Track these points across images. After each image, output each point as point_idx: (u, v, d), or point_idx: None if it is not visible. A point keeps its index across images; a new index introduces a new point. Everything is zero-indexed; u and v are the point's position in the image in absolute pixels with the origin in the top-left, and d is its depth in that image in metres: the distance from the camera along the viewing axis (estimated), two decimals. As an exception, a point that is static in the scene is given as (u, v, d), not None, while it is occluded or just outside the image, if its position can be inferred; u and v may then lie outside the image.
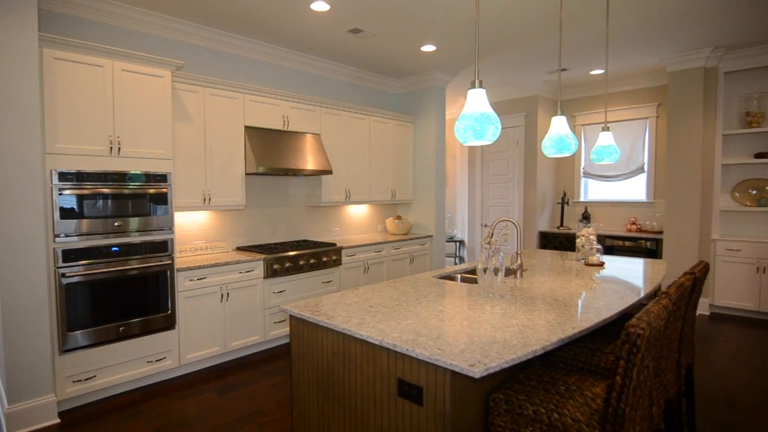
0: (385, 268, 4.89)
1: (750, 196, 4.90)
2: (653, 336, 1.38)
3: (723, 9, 3.63)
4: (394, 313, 1.90)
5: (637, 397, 1.38)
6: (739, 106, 4.96)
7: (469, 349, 1.46)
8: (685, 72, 4.90)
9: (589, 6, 3.52)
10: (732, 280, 4.77)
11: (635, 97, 5.91)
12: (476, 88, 1.85)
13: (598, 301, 2.09)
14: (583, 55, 4.82)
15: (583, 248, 3.19)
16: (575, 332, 1.65)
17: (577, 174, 6.48)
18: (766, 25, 4.01)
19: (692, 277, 1.94)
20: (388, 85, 5.66)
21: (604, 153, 3.10)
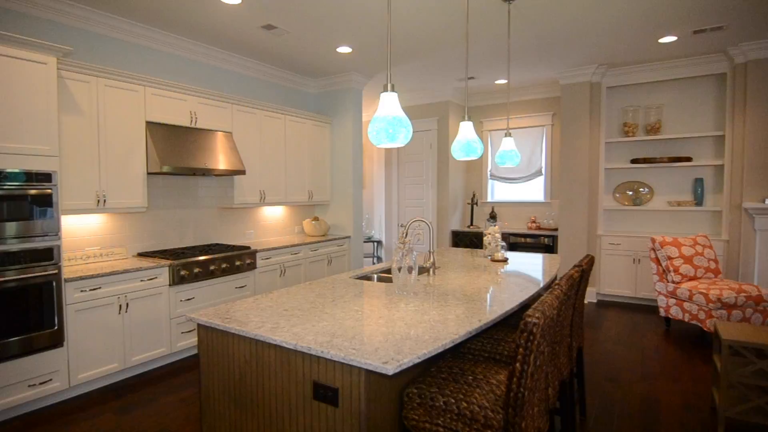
0: (302, 270, 4.81)
1: (627, 197, 5.60)
2: (547, 324, 1.52)
3: (603, 31, 4.10)
4: (309, 315, 1.88)
5: (535, 380, 1.51)
6: (618, 118, 5.64)
7: (384, 347, 1.49)
8: (574, 85, 5.46)
9: (492, 22, 3.78)
10: (614, 270, 5.41)
11: (534, 106, 6.46)
12: (388, 92, 1.89)
13: (502, 294, 2.25)
14: (489, 65, 5.16)
15: (490, 246, 3.41)
16: (481, 324, 1.76)
17: (485, 176, 6.91)
18: (637, 48, 4.61)
19: (580, 270, 2.17)
20: (304, 84, 5.58)
21: (507, 157, 3.35)
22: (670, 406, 2.89)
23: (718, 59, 4.87)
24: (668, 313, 4.27)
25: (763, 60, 4.53)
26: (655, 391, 3.10)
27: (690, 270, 4.23)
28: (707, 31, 4.13)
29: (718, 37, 4.32)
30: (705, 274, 4.27)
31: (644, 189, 5.51)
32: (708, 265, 4.30)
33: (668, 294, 4.26)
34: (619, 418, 2.73)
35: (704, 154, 5.19)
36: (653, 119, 5.36)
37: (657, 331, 4.36)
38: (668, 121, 5.36)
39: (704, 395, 3.03)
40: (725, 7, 3.60)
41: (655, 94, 5.43)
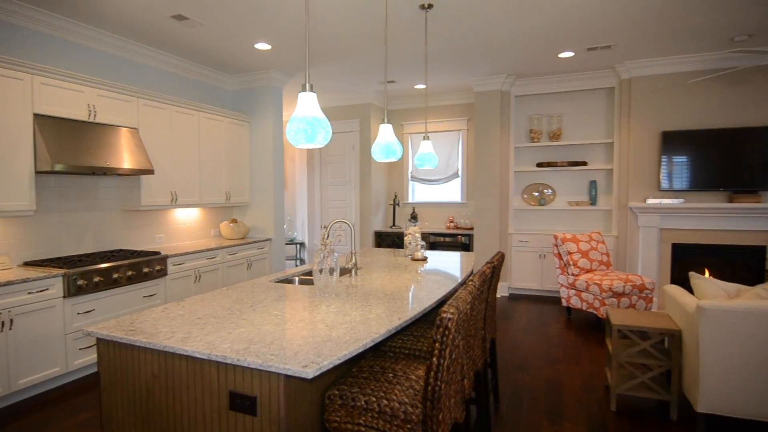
0: (220, 275, 4.58)
1: (534, 198, 6.07)
2: (462, 319, 1.60)
3: (511, 44, 4.41)
4: (225, 322, 1.80)
5: (451, 373, 1.58)
6: (525, 124, 6.10)
7: (303, 351, 1.47)
8: (487, 93, 5.80)
9: (410, 28, 3.89)
10: (523, 265, 5.84)
11: (451, 111, 6.76)
12: (307, 91, 1.87)
13: (421, 292, 2.33)
14: (408, 70, 5.31)
15: (410, 245, 3.51)
16: (401, 323, 1.81)
17: (406, 178, 7.10)
18: (541, 61, 5.01)
19: (491, 266, 2.31)
20: (221, 80, 5.32)
21: (426, 160, 3.47)
22: (571, 387, 3.18)
23: (608, 75, 5.46)
24: (569, 303, 4.69)
25: (644, 77, 5.16)
26: (558, 374, 3.40)
27: (587, 263, 4.70)
28: (598, 49, 4.61)
29: (608, 55, 4.84)
30: (599, 266, 4.76)
31: (548, 190, 6.02)
32: (601, 259, 4.80)
33: (569, 286, 4.69)
34: (528, 402, 2.95)
35: (597, 159, 5.79)
36: (555, 127, 5.87)
37: (560, 320, 4.78)
38: (568, 129, 5.90)
39: (599, 375, 3.38)
40: (613, 29, 4.05)
41: (557, 104, 5.95)
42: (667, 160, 5.04)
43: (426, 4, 3.39)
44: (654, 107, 5.14)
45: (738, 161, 4.80)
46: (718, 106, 4.92)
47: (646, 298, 4.33)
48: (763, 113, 4.78)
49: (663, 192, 5.12)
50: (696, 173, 4.95)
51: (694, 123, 5.01)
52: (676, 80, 5.03)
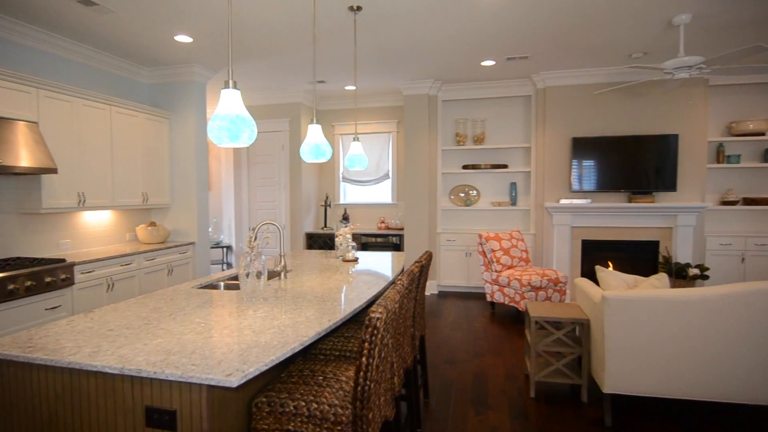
0: (136, 283, 4.26)
1: (460, 198, 6.33)
2: (390, 318, 1.62)
3: (438, 51, 4.57)
4: (141, 333, 1.68)
5: (381, 372, 1.61)
6: (452, 128, 6.34)
7: (228, 359, 1.41)
8: (415, 96, 5.96)
9: (340, 29, 3.89)
10: (451, 264, 6.06)
11: (381, 113, 6.85)
12: (230, 88, 1.80)
13: (352, 293, 2.34)
14: (338, 71, 5.30)
15: (341, 246, 3.50)
16: (331, 324, 1.80)
17: (338, 179, 7.07)
18: (465, 68, 5.24)
19: (420, 265, 2.37)
20: (136, 73, 4.94)
21: (356, 160, 3.49)
22: (495, 377, 3.36)
23: (526, 84, 5.84)
24: (493, 298, 4.95)
25: (557, 87, 5.59)
26: (484, 366, 3.57)
27: (508, 260, 4.99)
28: (517, 59, 4.92)
29: (525, 65, 5.18)
30: (519, 263, 5.08)
31: (473, 191, 6.30)
32: (521, 255, 5.12)
33: (492, 282, 4.95)
34: (456, 394, 3.07)
35: (517, 162, 6.17)
36: (479, 131, 6.17)
37: (485, 315, 5.03)
38: (490, 133, 6.23)
39: (520, 365, 3.60)
40: (529, 42, 4.34)
41: (481, 109, 6.25)
42: (578, 164, 5.50)
43: (355, 6, 3.40)
44: (565, 115, 5.59)
45: (636, 166, 5.36)
46: (619, 115, 5.46)
47: (560, 290, 4.69)
48: (655, 123, 5.38)
49: (574, 193, 5.57)
50: (601, 176, 5.45)
51: (600, 130, 5.51)
52: (584, 91, 5.51)
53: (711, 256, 5.38)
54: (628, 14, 3.70)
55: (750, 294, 2.36)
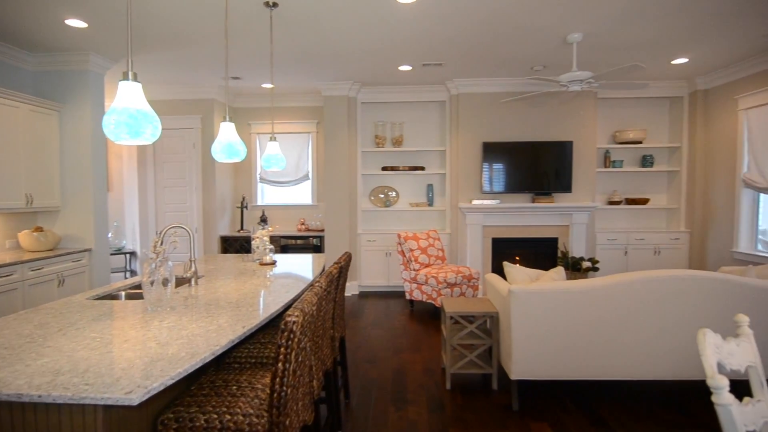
0: (19, 296, 3.75)
1: (380, 199, 6.43)
2: (308, 321, 1.60)
3: (356, 53, 4.60)
4: (22, 353, 1.48)
5: (298, 376, 1.58)
6: (371, 130, 6.42)
7: (128, 375, 1.30)
8: (335, 98, 5.95)
9: (255, 24, 3.76)
10: (372, 264, 6.14)
11: (300, 113, 6.74)
12: (129, 80, 1.66)
13: (269, 297, 2.27)
14: (255, 67, 5.12)
15: (258, 249, 3.39)
16: (245, 331, 1.73)
17: (255, 179, 6.83)
18: (383, 72, 5.34)
19: (339, 266, 2.38)
20: (17, 58, 4.35)
21: (273, 161, 3.39)
22: (414, 372, 3.46)
23: (441, 89, 6.10)
24: (412, 296, 5.10)
25: (469, 94, 5.90)
26: (403, 362, 3.66)
27: (426, 259, 5.17)
28: (432, 66, 5.12)
29: (440, 72, 5.40)
30: (436, 261, 5.29)
31: (393, 193, 6.44)
32: (438, 254, 5.33)
33: (411, 280, 5.09)
34: (377, 392, 3.11)
35: (433, 165, 6.41)
36: (397, 134, 6.32)
37: (404, 313, 5.16)
38: (408, 136, 6.41)
39: (437, 359, 3.75)
40: (443, 50, 4.54)
41: (399, 112, 6.41)
42: (488, 167, 5.86)
43: (270, 2, 3.31)
44: (477, 121, 5.92)
45: (538, 169, 5.84)
46: (523, 122, 5.91)
47: (473, 286, 4.97)
48: (553, 130, 5.91)
49: (485, 194, 5.93)
50: (509, 178, 5.86)
51: (507, 136, 5.92)
52: (494, 99, 5.89)
53: (600, 250, 6.04)
54: (530, 31, 4.03)
55: (631, 283, 2.68)
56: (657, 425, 2.66)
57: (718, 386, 1.00)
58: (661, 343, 2.72)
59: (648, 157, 6.25)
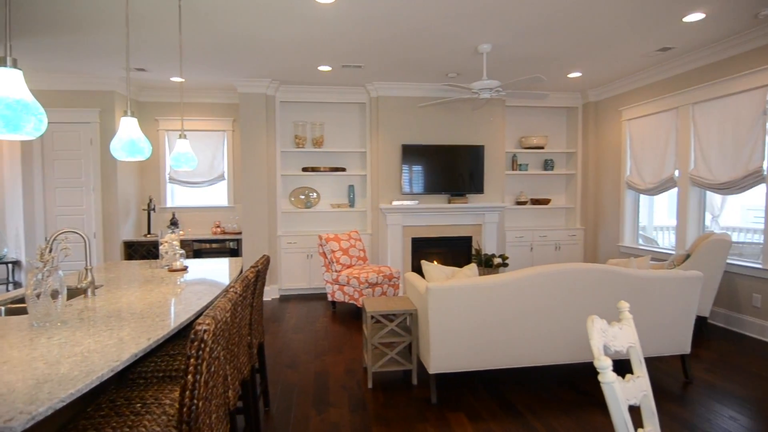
0: None
1: (301, 201, 6.32)
2: (220, 328, 1.53)
3: (274, 51, 4.48)
4: None
5: (210, 388, 1.50)
6: (291, 130, 6.29)
7: (8, 401, 1.15)
8: (251, 95, 5.74)
9: (161, 11, 3.50)
10: (292, 266, 6.01)
11: (214, 109, 6.40)
12: (7, 66, 1.47)
13: (178, 306, 2.13)
14: (162, 59, 4.77)
15: (167, 255, 3.16)
16: (151, 343, 1.61)
17: (163, 179, 6.36)
18: (303, 71, 5.26)
19: (255, 270, 2.30)
20: None
21: (183, 159, 3.19)
22: (336, 374, 3.45)
23: (361, 91, 6.15)
24: (333, 297, 5.08)
25: (388, 97, 6.02)
26: (325, 365, 3.64)
27: (347, 260, 5.18)
28: (351, 67, 5.15)
29: (360, 74, 5.45)
30: (357, 262, 5.32)
31: (314, 194, 6.37)
32: (359, 255, 5.37)
33: (333, 282, 5.07)
34: (298, 397, 3.05)
35: (354, 166, 6.45)
36: (318, 134, 6.26)
37: (327, 315, 5.12)
38: (329, 137, 6.38)
39: (359, 359, 3.77)
40: (362, 52, 4.58)
41: (320, 113, 6.35)
42: (408, 169, 6.02)
43: (178, -9, 3.11)
44: (396, 123, 6.06)
45: (454, 171, 6.12)
46: (440, 126, 6.17)
47: (394, 285, 5.08)
48: (467, 135, 6.23)
49: (405, 195, 6.09)
50: (427, 180, 6.07)
51: (425, 139, 6.13)
52: (412, 102, 6.07)
53: (510, 247, 6.48)
54: (444, 40, 4.21)
55: (534, 276, 2.91)
56: (557, 405, 2.92)
57: (603, 366, 1.13)
58: (560, 330, 2.99)
59: (549, 162, 6.83)
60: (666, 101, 5.20)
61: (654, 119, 5.42)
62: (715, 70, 4.58)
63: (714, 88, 4.56)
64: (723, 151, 4.49)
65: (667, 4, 3.49)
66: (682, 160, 4.99)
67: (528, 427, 2.67)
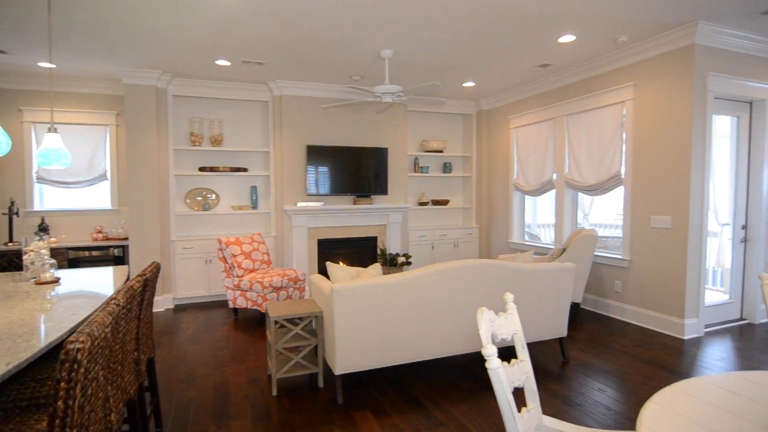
0: None
1: (197, 202, 5.93)
2: (98, 346, 1.38)
3: (164, 39, 4.15)
4: None
5: (87, 413, 1.35)
6: (186, 126, 5.86)
7: None
8: (139, 87, 5.24)
9: (23, -14, 3.05)
10: (189, 273, 5.61)
11: (95, 101, 5.73)
12: None
13: (47, 323, 1.87)
14: (27, 40, 4.15)
15: (33, 265, 2.76)
16: (10, 368, 1.39)
17: (30, 179, 5.53)
18: (198, 65, 4.94)
19: (143, 279, 2.11)
20: None
21: (53, 156, 2.81)
22: (238, 385, 3.30)
23: (263, 89, 5.95)
24: (235, 304, 4.85)
25: (292, 96, 5.90)
26: (226, 377, 3.45)
27: (250, 264, 4.97)
28: (252, 64, 4.95)
29: (262, 71, 5.27)
30: (261, 265, 5.14)
31: (212, 195, 6.01)
32: (263, 258, 5.19)
33: (234, 287, 4.84)
34: (195, 413, 2.86)
35: (257, 166, 6.21)
36: (216, 132, 5.92)
37: (228, 323, 4.87)
38: (229, 135, 6.06)
39: (263, 367, 3.65)
40: (264, 48, 4.43)
41: (218, 109, 6.01)
42: (314, 170, 5.96)
43: (45, -35, 2.73)
44: (300, 124, 5.97)
45: (359, 172, 6.20)
46: (346, 128, 6.20)
47: (300, 288, 4.99)
48: (372, 137, 6.35)
49: (310, 196, 6.02)
50: (333, 181, 6.07)
51: (331, 140, 6.13)
52: (317, 103, 6.02)
53: (413, 246, 6.74)
54: (347, 42, 4.25)
55: (434, 273, 3.07)
56: (457, 393, 3.11)
57: (489, 354, 1.23)
58: (458, 323, 3.18)
59: (448, 165, 7.24)
60: (546, 112, 5.81)
61: (536, 128, 6.02)
62: (585, 86, 5.23)
63: (584, 102, 5.20)
64: (591, 157, 5.14)
65: (544, 25, 3.90)
66: (559, 165, 5.61)
67: (430, 417, 2.80)
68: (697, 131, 4.10)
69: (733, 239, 4.66)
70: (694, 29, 3.93)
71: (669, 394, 1.40)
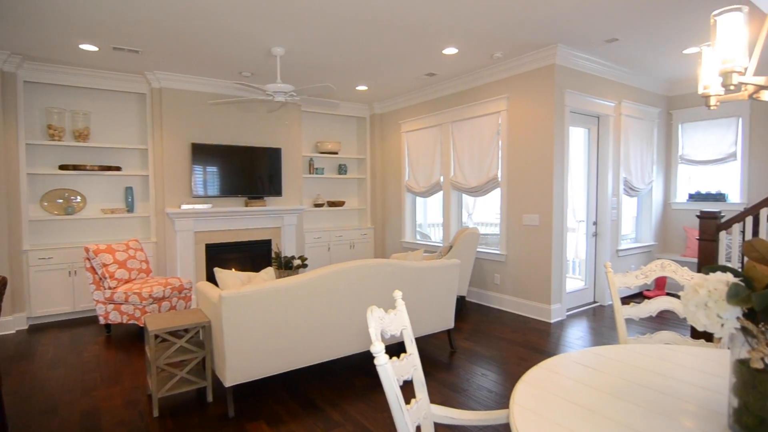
0: None
1: (58, 206, 5.16)
2: None
3: (16, 17, 3.55)
4: None
5: None
6: (42, 118, 5.07)
7: None
8: (-23, 69, 4.41)
9: None
10: (48, 287, 4.86)
11: None
12: None
13: None
14: None
15: None
16: None
17: None
18: (57, 48, 4.31)
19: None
20: None
21: None
22: (112, 410, 2.95)
23: (139, 80, 5.40)
24: (107, 319, 4.33)
25: (174, 90, 5.45)
26: (96, 402, 3.06)
27: (125, 274, 4.48)
28: (126, 51, 4.47)
29: (138, 60, 4.77)
30: (139, 275, 4.65)
31: (77, 197, 5.28)
32: (141, 267, 4.71)
33: (106, 301, 4.31)
34: (56, 449, 2.49)
35: (133, 165, 5.61)
36: (81, 125, 5.22)
37: (98, 341, 4.32)
38: (97, 130, 5.39)
39: (142, 387, 3.31)
40: (139, 34, 4.03)
41: (83, 100, 5.31)
42: (201, 170, 5.57)
43: None
44: (184, 120, 5.54)
45: (251, 173, 5.95)
46: (236, 126, 5.91)
47: (185, 297, 4.63)
48: (265, 137, 6.15)
49: (196, 198, 5.61)
50: (223, 182, 5.74)
51: (220, 139, 5.78)
52: (203, 98, 5.64)
53: (309, 248, 6.67)
54: (235, 35, 4.05)
55: (329, 275, 3.07)
56: (353, 392, 3.15)
57: (377, 351, 1.27)
58: (352, 322, 3.23)
59: (343, 166, 7.31)
60: (433, 118, 6.17)
61: (425, 133, 6.36)
62: (467, 96, 5.66)
63: (466, 111, 5.63)
64: (472, 161, 5.58)
65: (430, 37, 4.14)
66: (445, 168, 6.00)
67: (326, 419, 2.80)
68: (557, 140, 4.69)
69: (587, 234, 5.43)
70: (555, 51, 4.49)
71: (536, 373, 1.59)
